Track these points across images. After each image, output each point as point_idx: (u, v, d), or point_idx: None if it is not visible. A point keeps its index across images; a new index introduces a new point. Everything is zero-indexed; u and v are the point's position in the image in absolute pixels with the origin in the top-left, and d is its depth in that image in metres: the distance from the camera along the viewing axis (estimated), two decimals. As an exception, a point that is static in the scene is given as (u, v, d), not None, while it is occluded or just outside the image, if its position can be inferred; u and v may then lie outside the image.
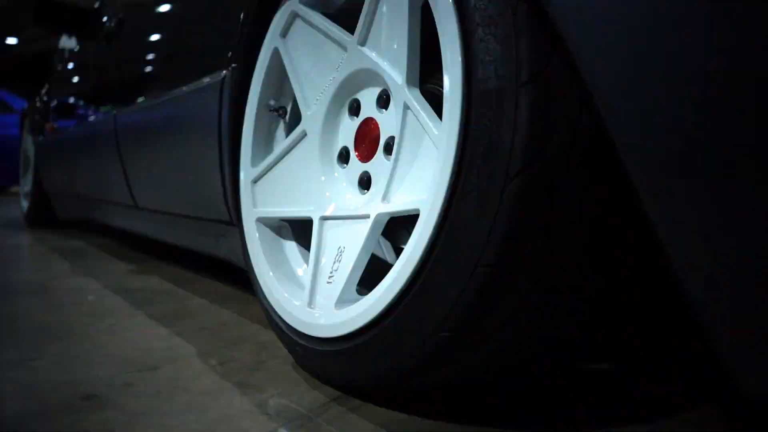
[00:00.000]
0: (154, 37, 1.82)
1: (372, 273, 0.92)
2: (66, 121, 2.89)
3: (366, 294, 1.00)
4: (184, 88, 1.50)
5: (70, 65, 3.00)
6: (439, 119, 0.78)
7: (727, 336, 0.57)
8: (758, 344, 0.56)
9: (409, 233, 1.07)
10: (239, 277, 1.75)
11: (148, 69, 1.84)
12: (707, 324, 0.57)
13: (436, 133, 0.76)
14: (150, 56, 1.84)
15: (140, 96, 1.87)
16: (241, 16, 1.16)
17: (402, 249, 1.10)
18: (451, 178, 0.71)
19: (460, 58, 0.71)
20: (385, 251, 1.14)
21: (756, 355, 0.56)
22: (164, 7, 1.78)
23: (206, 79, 1.36)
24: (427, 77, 0.94)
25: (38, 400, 0.90)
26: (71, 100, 2.85)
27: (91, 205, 2.77)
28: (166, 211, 1.82)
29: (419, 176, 0.82)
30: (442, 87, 0.75)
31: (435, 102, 0.95)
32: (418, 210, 0.77)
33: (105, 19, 2.45)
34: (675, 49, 0.54)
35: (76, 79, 2.83)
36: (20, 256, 2.52)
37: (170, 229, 1.91)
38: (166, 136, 1.63)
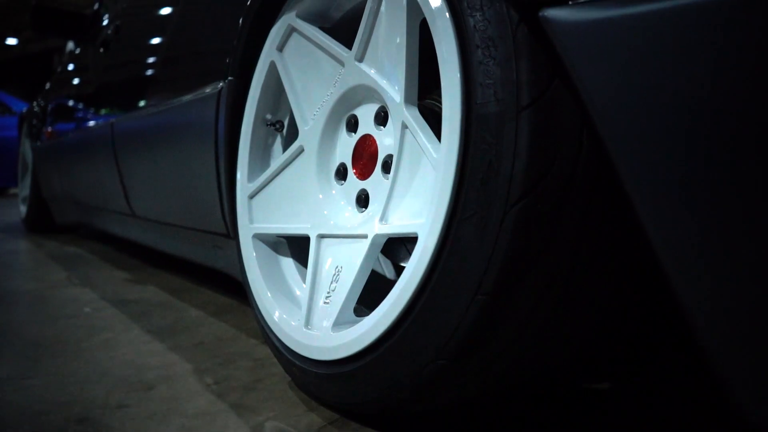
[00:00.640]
0: (151, 46, 1.80)
1: (371, 287, 0.91)
2: (63, 127, 2.87)
3: (365, 311, 1.00)
4: (181, 99, 1.49)
5: (68, 70, 2.99)
6: (437, 140, 0.76)
7: (730, 366, 0.55)
8: (762, 374, 0.54)
9: (408, 251, 1.06)
10: (237, 288, 1.74)
11: (145, 78, 1.83)
12: (710, 354, 0.55)
13: (434, 156, 0.74)
14: (147, 65, 1.83)
15: (137, 104, 1.85)
16: (238, 28, 1.14)
17: (401, 266, 1.09)
18: (449, 203, 0.69)
19: (458, 81, 0.69)
20: (384, 267, 1.13)
21: (760, 385, 0.55)
22: (160, 16, 1.77)
23: (202, 91, 1.35)
24: (426, 92, 0.93)
25: (30, 424, 0.88)
26: (69, 105, 2.84)
27: (89, 211, 2.75)
28: (163, 221, 1.81)
29: (418, 197, 0.80)
30: (441, 103, 0.74)
31: (434, 118, 0.94)
32: (416, 233, 0.75)
33: (102, 24, 2.44)
34: (678, 75, 0.53)
35: (73, 85, 2.81)
36: (17, 263, 2.50)
37: (167, 239, 1.90)
38: (162, 146, 1.62)
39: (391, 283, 1.13)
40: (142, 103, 1.81)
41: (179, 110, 1.50)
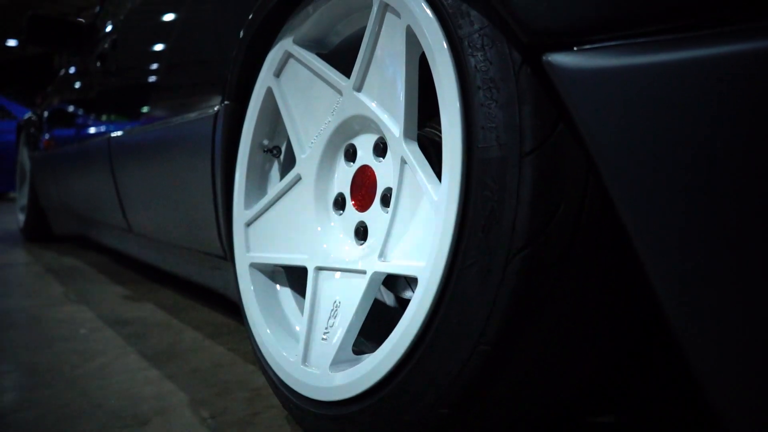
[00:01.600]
0: (148, 63, 1.78)
1: (370, 313, 0.88)
2: (61, 137, 2.85)
3: (364, 343, 0.97)
4: (178, 119, 1.47)
5: (66, 81, 2.97)
6: (438, 180, 0.74)
7: (733, 413, 0.53)
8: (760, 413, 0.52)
9: (408, 282, 1.04)
10: (234, 306, 1.71)
11: (142, 94, 1.81)
12: (713, 399, 0.53)
13: (435, 198, 0.72)
14: (144, 82, 1.80)
15: (134, 121, 1.83)
16: (234, 52, 1.12)
17: (400, 298, 1.07)
18: (450, 250, 0.67)
19: (459, 123, 0.67)
20: (385, 295, 1.11)
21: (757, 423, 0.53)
22: (158, 33, 1.75)
23: (199, 112, 1.33)
24: (426, 117, 0.91)
25: (20, 466, 0.86)
26: (66, 116, 2.82)
27: (86, 223, 2.73)
28: (160, 239, 1.79)
29: (418, 236, 0.78)
30: (441, 131, 0.71)
31: (434, 148, 0.92)
32: (416, 276, 0.73)
33: (99, 36, 2.42)
34: (684, 127, 0.51)
35: (71, 96, 2.79)
36: (15, 276, 2.48)
37: (164, 257, 1.88)
38: (159, 164, 1.60)
39: (390, 311, 1.11)
40: (139, 120, 1.79)
41: (176, 130, 1.48)
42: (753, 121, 0.47)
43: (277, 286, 1.08)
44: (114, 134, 1.97)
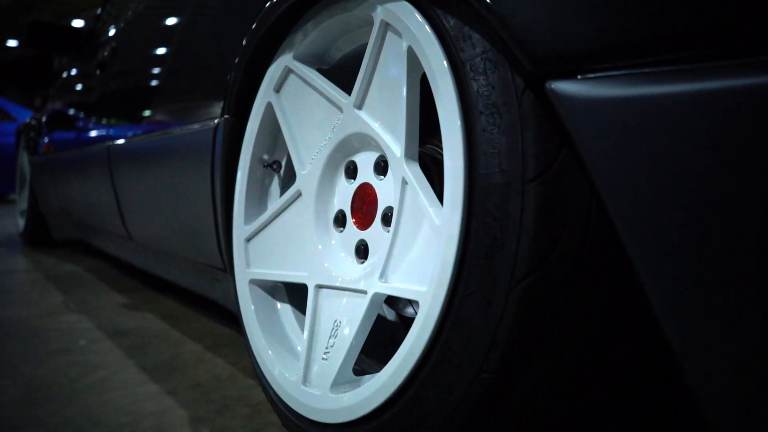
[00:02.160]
0: (148, 72, 1.78)
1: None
2: (60, 144, 2.84)
3: (366, 361, 0.97)
4: (178, 130, 1.46)
5: (65, 86, 2.96)
6: (439, 203, 0.73)
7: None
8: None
9: (409, 300, 1.03)
10: (235, 317, 1.71)
11: (142, 104, 1.80)
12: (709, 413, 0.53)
13: (437, 223, 0.71)
14: (144, 91, 1.80)
15: (134, 130, 1.82)
16: (234, 67, 1.11)
17: (402, 316, 1.06)
18: (452, 276, 0.66)
19: (461, 148, 0.66)
20: (386, 309, 1.10)
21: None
22: (158, 42, 1.74)
23: (199, 125, 1.32)
24: (428, 134, 0.90)
25: (19, 488, 0.86)
26: (66, 122, 2.81)
27: (86, 229, 2.73)
28: (160, 248, 1.78)
29: (420, 258, 0.77)
30: (442, 149, 0.71)
31: (436, 166, 0.91)
32: (417, 300, 0.72)
33: (99, 42, 2.41)
34: (688, 160, 0.50)
35: (71, 102, 2.78)
36: (15, 284, 2.47)
37: (164, 266, 1.87)
38: (159, 175, 1.59)
39: (392, 325, 1.10)
40: (138, 129, 1.79)
41: (176, 141, 1.47)
42: (753, 156, 0.47)
43: (278, 303, 1.07)
44: (113, 142, 1.97)
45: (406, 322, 1.06)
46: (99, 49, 2.35)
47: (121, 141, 1.91)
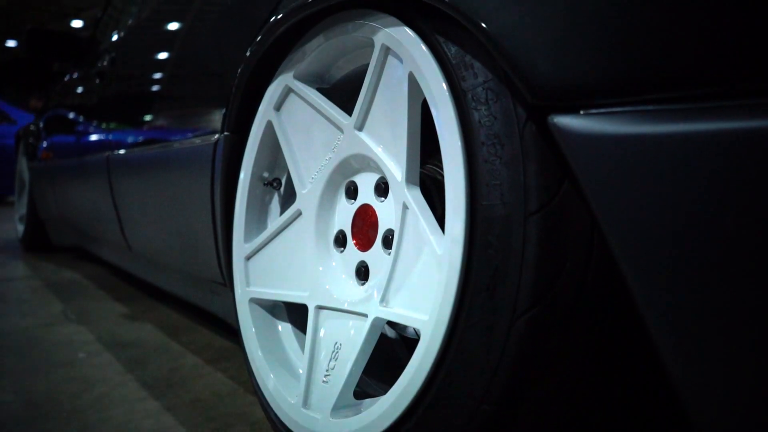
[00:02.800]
0: (148, 84, 1.77)
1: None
2: (59, 151, 2.84)
3: (367, 381, 0.96)
4: (178, 144, 1.46)
5: (64, 92, 2.95)
6: (440, 230, 0.73)
7: None
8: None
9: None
10: (235, 330, 1.70)
11: (142, 115, 1.79)
12: None
13: (438, 252, 0.71)
14: (143, 103, 1.79)
15: (133, 141, 1.82)
16: (234, 85, 1.11)
17: (403, 336, 1.06)
18: (453, 307, 0.66)
19: (463, 179, 0.66)
20: (387, 328, 1.10)
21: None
22: (158, 52, 1.74)
23: (200, 140, 1.31)
24: (428, 156, 0.90)
25: None
26: (65, 130, 2.80)
27: (85, 237, 2.72)
28: (159, 260, 1.78)
29: (421, 285, 0.77)
30: (443, 170, 0.70)
31: (436, 187, 0.91)
32: (419, 329, 0.72)
33: (98, 51, 2.41)
34: (691, 199, 0.50)
35: (70, 109, 2.78)
36: (13, 292, 2.47)
37: (164, 277, 1.87)
38: (159, 187, 1.59)
39: (392, 343, 1.10)
40: (138, 141, 1.78)
41: (176, 154, 1.47)
42: (752, 199, 0.47)
43: (278, 322, 1.07)
44: (113, 153, 1.96)
45: (407, 339, 1.06)
46: (98, 57, 2.34)
47: (121, 151, 1.90)
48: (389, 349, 1.07)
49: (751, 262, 0.48)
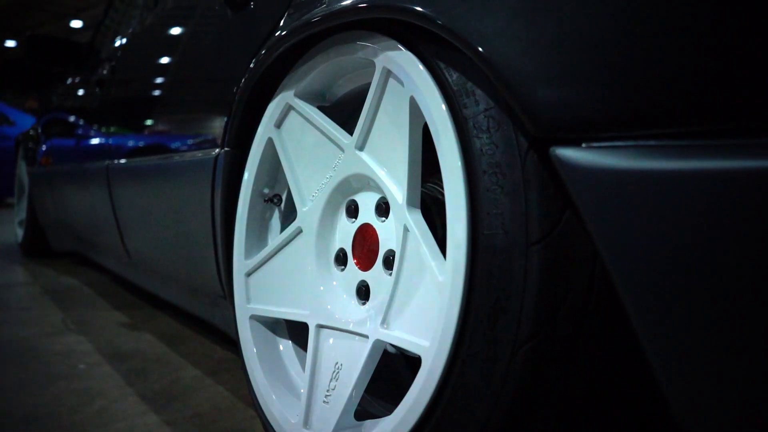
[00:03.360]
0: (148, 94, 1.77)
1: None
2: (59, 157, 2.83)
3: (367, 398, 0.96)
4: (178, 156, 1.46)
5: (64, 97, 2.95)
6: (442, 256, 0.73)
7: None
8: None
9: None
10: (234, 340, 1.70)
11: (142, 126, 1.79)
12: None
13: (439, 278, 0.71)
14: (144, 114, 1.79)
15: (133, 152, 1.82)
16: (235, 100, 1.11)
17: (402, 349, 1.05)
18: (455, 336, 0.66)
19: (464, 208, 0.66)
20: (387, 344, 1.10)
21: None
22: (158, 62, 1.73)
23: (200, 153, 1.31)
24: (428, 175, 0.89)
25: None
26: (64, 136, 2.80)
27: (85, 244, 2.72)
28: (159, 271, 1.77)
29: (422, 308, 0.77)
30: (443, 189, 0.70)
31: (437, 206, 0.91)
32: (419, 355, 0.72)
33: (98, 58, 2.41)
34: (693, 235, 0.50)
35: (70, 115, 2.78)
36: (13, 300, 2.46)
37: (164, 287, 1.86)
38: (159, 199, 1.58)
39: (393, 358, 1.10)
40: (138, 151, 1.78)
41: (177, 167, 1.46)
42: (750, 238, 0.47)
43: (278, 339, 1.07)
44: (112, 162, 1.96)
45: (408, 358, 1.06)
46: (98, 65, 2.34)
47: (121, 161, 1.90)
48: (390, 364, 1.07)
49: (749, 297, 0.48)
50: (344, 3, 0.83)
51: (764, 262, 0.47)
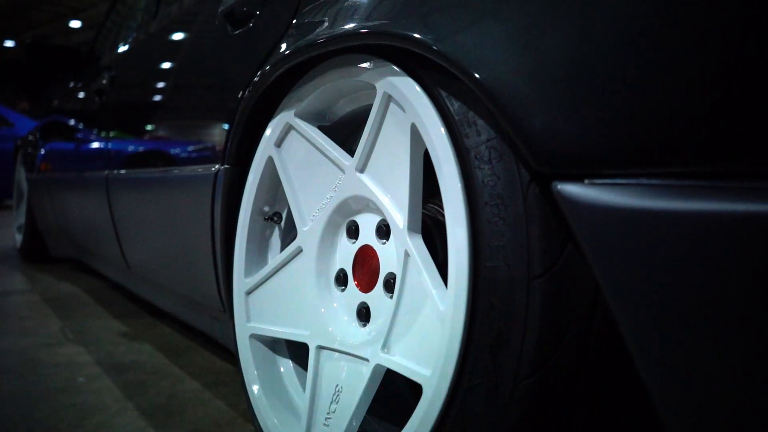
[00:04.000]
0: (148, 105, 1.77)
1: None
2: (58, 164, 2.83)
3: (368, 418, 0.96)
4: (178, 170, 1.45)
5: (63, 103, 2.95)
6: (443, 283, 0.73)
7: None
8: None
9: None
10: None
11: (142, 138, 1.79)
12: None
13: (441, 308, 0.70)
14: (144, 124, 1.79)
15: (133, 163, 1.82)
16: (235, 118, 1.11)
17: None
18: (456, 367, 0.66)
19: (466, 238, 0.65)
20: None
21: None
22: (157, 72, 1.73)
23: (200, 169, 1.31)
24: (429, 196, 0.89)
25: None
26: (63, 143, 2.80)
27: (84, 252, 2.72)
28: (158, 282, 1.77)
29: (423, 336, 0.76)
30: (444, 210, 0.70)
31: (437, 228, 0.91)
32: (420, 384, 0.72)
33: (98, 65, 2.41)
34: (694, 276, 0.50)
35: (69, 123, 2.77)
36: (11, 308, 2.46)
37: (163, 298, 1.86)
38: (158, 213, 1.58)
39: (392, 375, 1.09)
40: (138, 163, 1.78)
41: (177, 180, 1.46)
42: (752, 283, 0.47)
43: (278, 358, 1.07)
44: (112, 172, 1.96)
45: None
46: (98, 73, 2.33)
47: (121, 171, 1.90)
48: (392, 384, 1.07)
49: (748, 335, 0.48)
50: (347, 27, 0.83)
51: (764, 304, 0.47)
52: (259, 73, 1.04)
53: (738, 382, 0.49)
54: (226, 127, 1.18)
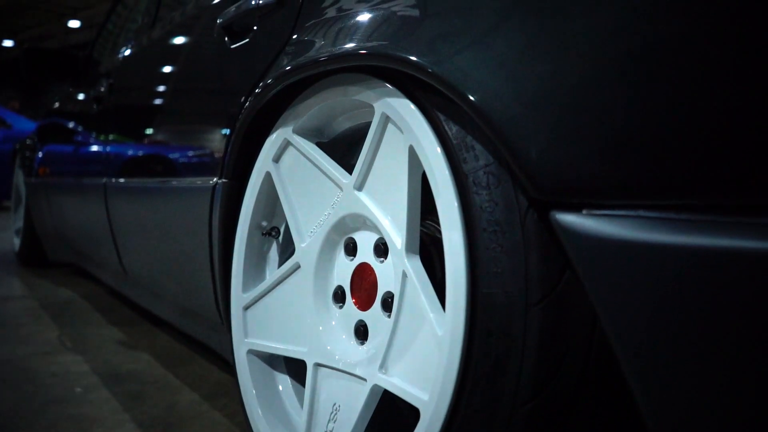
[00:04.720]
0: (147, 114, 1.76)
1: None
2: (57, 169, 2.82)
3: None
4: (177, 180, 1.45)
5: (62, 107, 2.94)
6: (441, 307, 0.73)
7: None
8: None
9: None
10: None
11: (140, 147, 1.79)
12: None
13: (439, 333, 0.70)
14: (142, 134, 1.79)
15: (131, 172, 1.81)
16: (233, 134, 1.11)
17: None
18: (454, 392, 0.66)
19: (463, 265, 0.65)
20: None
21: None
22: (156, 83, 1.73)
23: (198, 182, 1.31)
24: (426, 213, 0.89)
25: None
26: (62, 148, 2.79)
27: (82, 257, 2.71)
28: (156, 291, 1.77)
29: (421, 358, 0.76)
30: (441, 227, 0.69)
31: (435, 246, 0.90)
32: (418, 407, 0.71)
33: (96, 72, 2.40)
34: (693, 310, 0.49)
35: (67, 129, 2.77)
36: (9, 315, 2.45)
37: (161, 307, 1.86)
38: (156, 223, 1.58)
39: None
40: (136, 172, 1.77)
41: (174, 192, 1.46)
42: (745, 319, 0.47)
43: (276, 373, 1.06)
44: (110, 180, 1.95)
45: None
46: (96, 80, 2.33)
47: (119, 180, 1.90)
48: (390, 402, 1.07)
49: (745, 368, 0.48)
50: (347, 47, 0.82)
51: (763, 339, 0.46)
52: (257, 88, 1.04)
53: (741, 416, 0.49)
54: (224, 140, 1.18)
